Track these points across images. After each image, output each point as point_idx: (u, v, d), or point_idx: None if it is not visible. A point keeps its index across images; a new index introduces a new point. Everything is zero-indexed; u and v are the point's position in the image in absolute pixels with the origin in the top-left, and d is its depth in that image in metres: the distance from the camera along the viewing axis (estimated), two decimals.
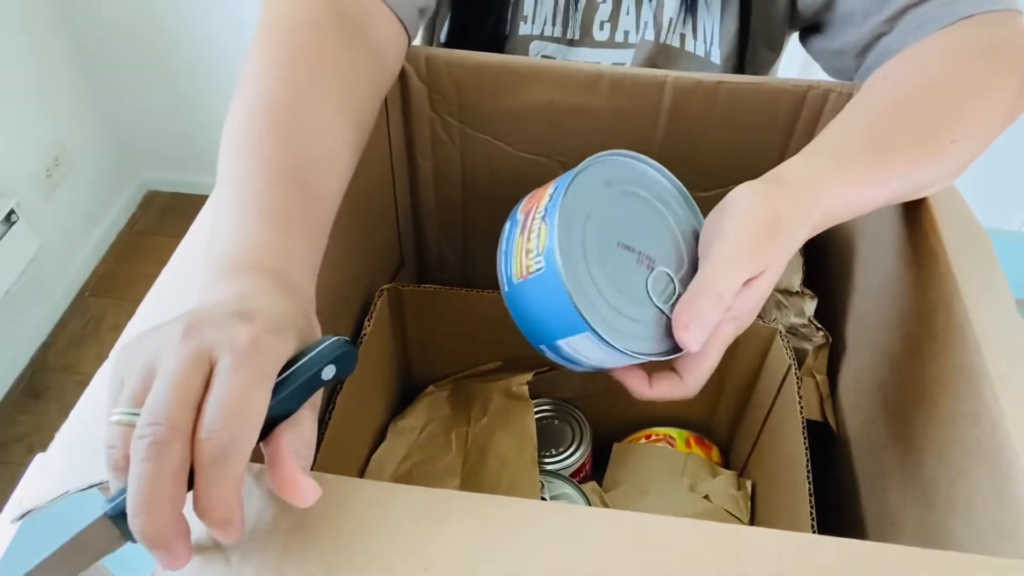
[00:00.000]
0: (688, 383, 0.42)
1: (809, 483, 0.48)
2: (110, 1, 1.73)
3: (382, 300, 0.59)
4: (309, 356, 0.32)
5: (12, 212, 1.58)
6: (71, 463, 0.34)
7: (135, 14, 1.75)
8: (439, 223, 0.71)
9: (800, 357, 0.57)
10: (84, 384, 0.35)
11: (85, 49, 1.81)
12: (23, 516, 0.33)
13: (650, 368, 0.43)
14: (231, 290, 0.34)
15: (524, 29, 0.68)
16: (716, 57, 0.66)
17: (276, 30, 0.48)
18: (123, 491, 0.28)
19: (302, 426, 0.32)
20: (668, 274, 0.41)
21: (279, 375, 0.31)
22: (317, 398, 0.34)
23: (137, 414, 0.29)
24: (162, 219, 2.03)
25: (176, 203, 2.07)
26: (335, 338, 0.33)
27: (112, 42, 1.80)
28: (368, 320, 0.57)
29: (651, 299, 0.40)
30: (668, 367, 0.43)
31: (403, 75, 0.60)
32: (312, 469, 0.47)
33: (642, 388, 0.43)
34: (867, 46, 0.56)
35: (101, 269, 1.91)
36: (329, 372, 0.32)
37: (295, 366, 0.32)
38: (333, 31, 0.49)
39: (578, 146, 0.62)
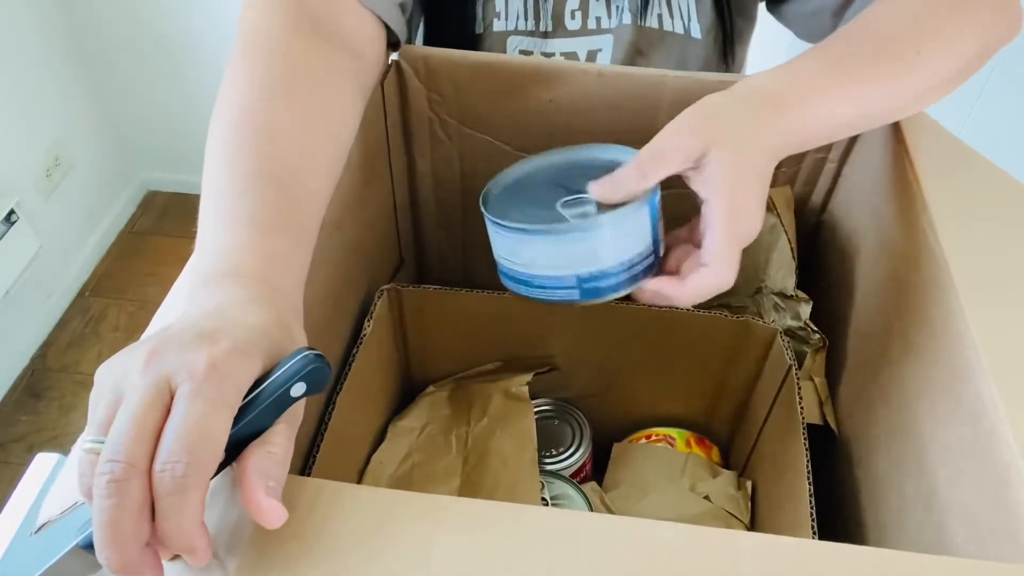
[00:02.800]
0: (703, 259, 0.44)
1: (809, 483, 0.47)
2: (110, 1, 1.73)
3: (382, 300, 0.59)
4: (276, 374, 0.31)
5: (12, 212, 1.58)
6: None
7: (135, 14, 1.75)
8: (438, 223, 0.71)
9: (798, 361, 0.57)
10: (84, 384, 0.35)
11: (85, 49, 1.81)
12: (40, 529, 0.33)
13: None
14: (208, 302, 0.34)
15: (499, 25, 0.68)
16: (696, 32, 0.67)
17: (251, 37, 0.48)
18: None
19: (273, 444, 0.31)
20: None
21: (249, 393, 0.31)
22: (298, 412, 0.33)
23: (103, 442, 0.29)
24: (162, 219, 2.03)
25: (176, 203, 2.07)
26: (305, 353, 0.32)
27: (112, 42, 1.80)
28: (368, 320, 0.57)
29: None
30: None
31: (401, 75, 0.60)
32: (312, 470, 0.48)
33: (676, 290, 0.45)
34: (845, 2, 0.56)
35: (101, 269, 1.91)
36: (299, 389, 0.32)
37: (263, 385, 0.31)
38: (307, 34, 0.49)
39: (578, 145, 0.62)
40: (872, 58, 0.48)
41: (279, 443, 0.31)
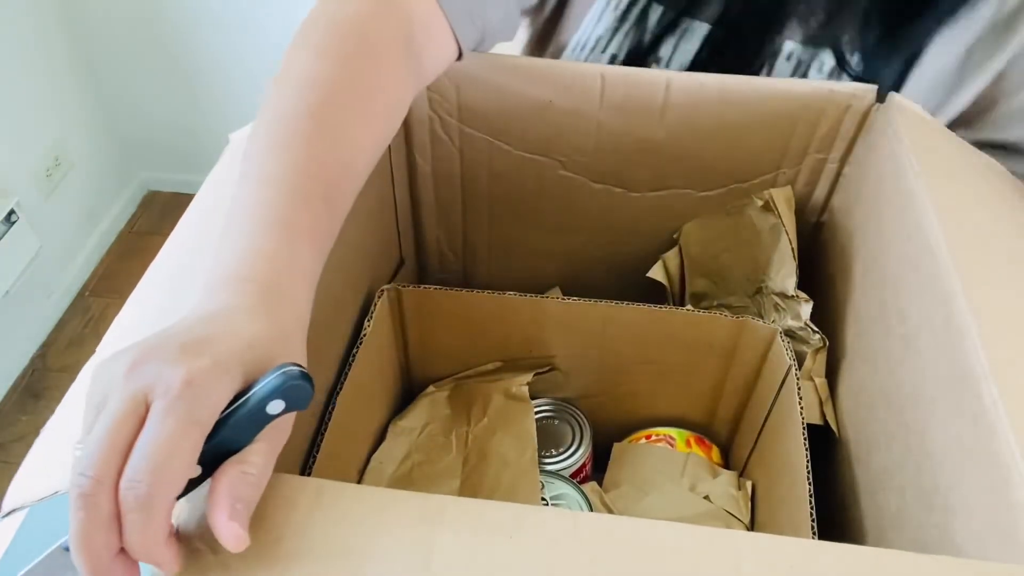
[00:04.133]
0: None
1: (809, 484, 0.47)
2: (110, 2, 1.73)
3: (382, 300, 0.59)
4: (253, 391, 0.31)
5: (12, 212, 1.58)
6: (61, 462, 0.34)
7: (136, 13, 1.75)
8: (438, 223, 0.71)
9: (798, 361, 0.57)
10: None
11: (85, 49, 1.81)
12: (7, 515, 0.33)
13: None
14: (209, 305, 0.34)
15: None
16: None
17: (344, 24, 0.46)
18: None
19: (249, 463, 0.31)
20: None
21: (230, 406, 0.31)
22: (282, 427, 0.32)
23: None
24: (162, 219, 2.03)
25: (176, 203, 2.07)
26: (285, 369, 0.31)
27: (113, 41, 1.80)
28: (368, 320, 0.57)
29: None
30: None
31: None
32: (313, 470, 0.48)
33: None
34: None
35: (101, 269, 1.91)
36: (277, 407, 0.31)
37: (240, 401, 0.31)
38: (397, 47, 0.47)
39: (578, 146, 0.62)
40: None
41: (255, 462, 0.31)
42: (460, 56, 0.55)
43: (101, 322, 1.78)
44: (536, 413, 0.65)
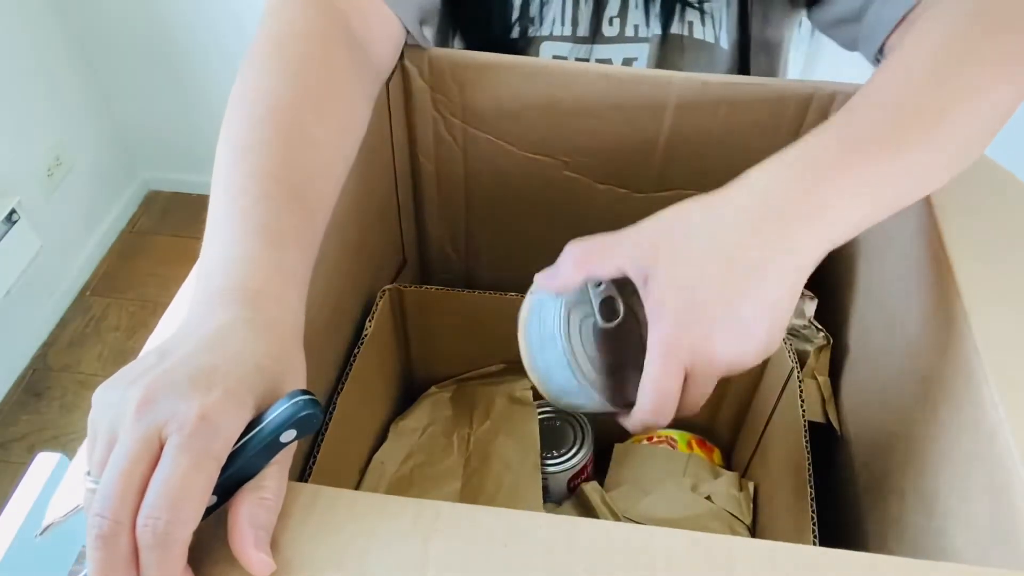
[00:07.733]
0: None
1: (811, 487, 0.47)
2: (112, 0, 1.73)
3: (384, 300, 0.59)
4: (267, 420, 0.31)
5: (13, 211, 1.58)
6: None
7: (137, 13, 1.75)
8: (442, 223, 0.71)
9: (801, 359, 0.57)
10: (85, 383, 0.35)
11: (87, 48, 1.81)
12: (44, 531, 0.33)
13: None
14: (209, 322, 0.34)
15: (533, 31, 0.67)
16: (724, 42, 0.66)
17: (280, 37, 0.47)
18: None
19: (265, 488, 0.31)
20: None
21: (243, 436, 0.31)
22: (291, 447, 0.33)
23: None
24: (163, 219, 2.03)
25: (177, 203, 2.07)
26: (296, 399, 0.31)
27: (114, 41, 1.80)
28: (370, 320, 0.57)
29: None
30: None
31: (406, 75, 0.59)
32: (313, 471, 0.47)
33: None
34: (862, 8, 0.52)
35: (102, 268, 1.90)
36: (289, 435, 0.31)
37: (253, 431, 0.31)
38: (340, 42, 0.48)
39: (582, 146, 0.62)
40: (895, 142, 0.39)
41: (271, 487, 0.31)
42: (410, 34, 0.56)
43: (102, 321, 1.78)
44: (538, 414, 0.65)
